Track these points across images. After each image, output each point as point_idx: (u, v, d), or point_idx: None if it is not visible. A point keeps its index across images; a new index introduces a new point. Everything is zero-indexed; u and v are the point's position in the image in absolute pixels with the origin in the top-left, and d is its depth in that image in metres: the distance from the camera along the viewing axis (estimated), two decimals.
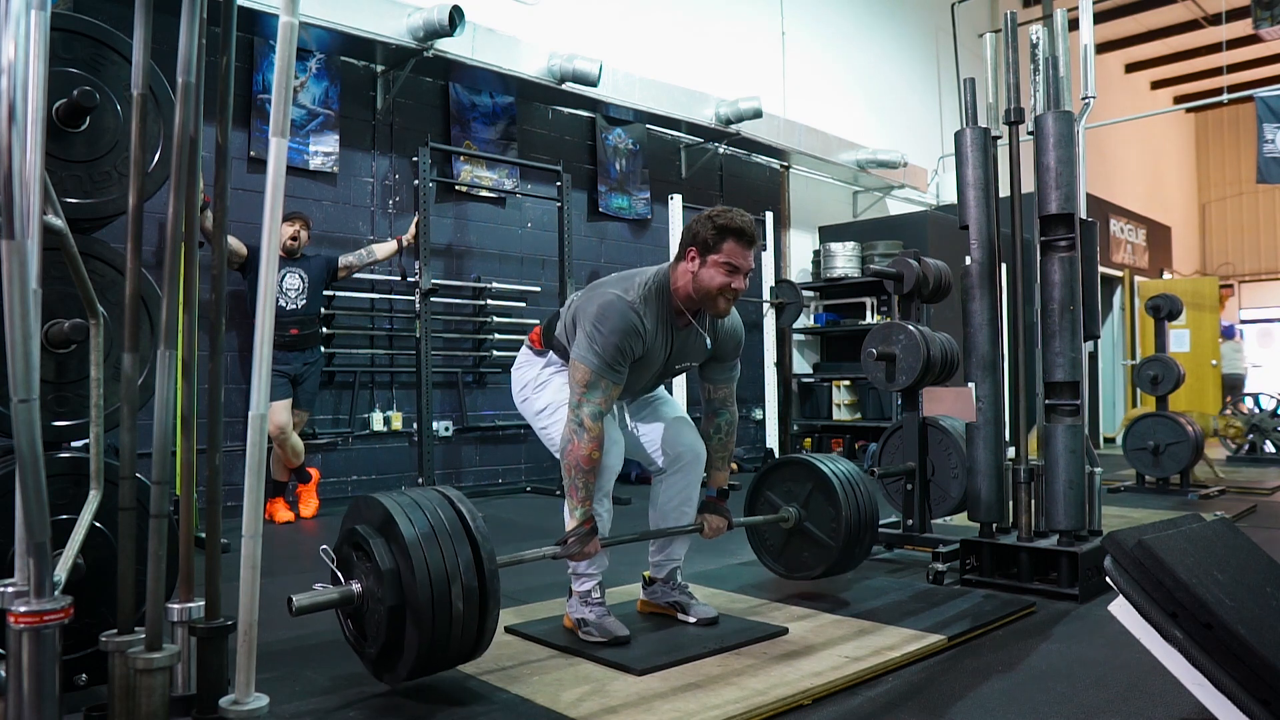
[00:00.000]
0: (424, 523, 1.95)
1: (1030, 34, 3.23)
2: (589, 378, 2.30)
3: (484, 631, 2.00)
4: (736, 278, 2.34)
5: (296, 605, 1.91)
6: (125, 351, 1.84)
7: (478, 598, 1.95)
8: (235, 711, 1.65)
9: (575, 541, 2.32)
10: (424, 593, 1.88)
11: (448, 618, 1.91)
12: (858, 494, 2.93)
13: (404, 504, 1.99)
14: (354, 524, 2.06)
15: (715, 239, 2.32)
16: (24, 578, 1.58)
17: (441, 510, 2.00)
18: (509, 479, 6.23)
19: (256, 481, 1.70)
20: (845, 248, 8.07)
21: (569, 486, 2.34)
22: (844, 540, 2.88)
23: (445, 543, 1.94)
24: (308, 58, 5.40)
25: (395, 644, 1.96)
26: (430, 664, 1.98)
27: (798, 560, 3.04)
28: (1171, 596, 1.66)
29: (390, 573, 1.92)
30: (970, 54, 8.77)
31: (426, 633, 1.89)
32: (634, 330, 2.33)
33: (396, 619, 1.93)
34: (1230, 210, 17.17)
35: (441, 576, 1.90)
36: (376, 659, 2.02)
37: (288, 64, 1.71)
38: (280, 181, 1.72)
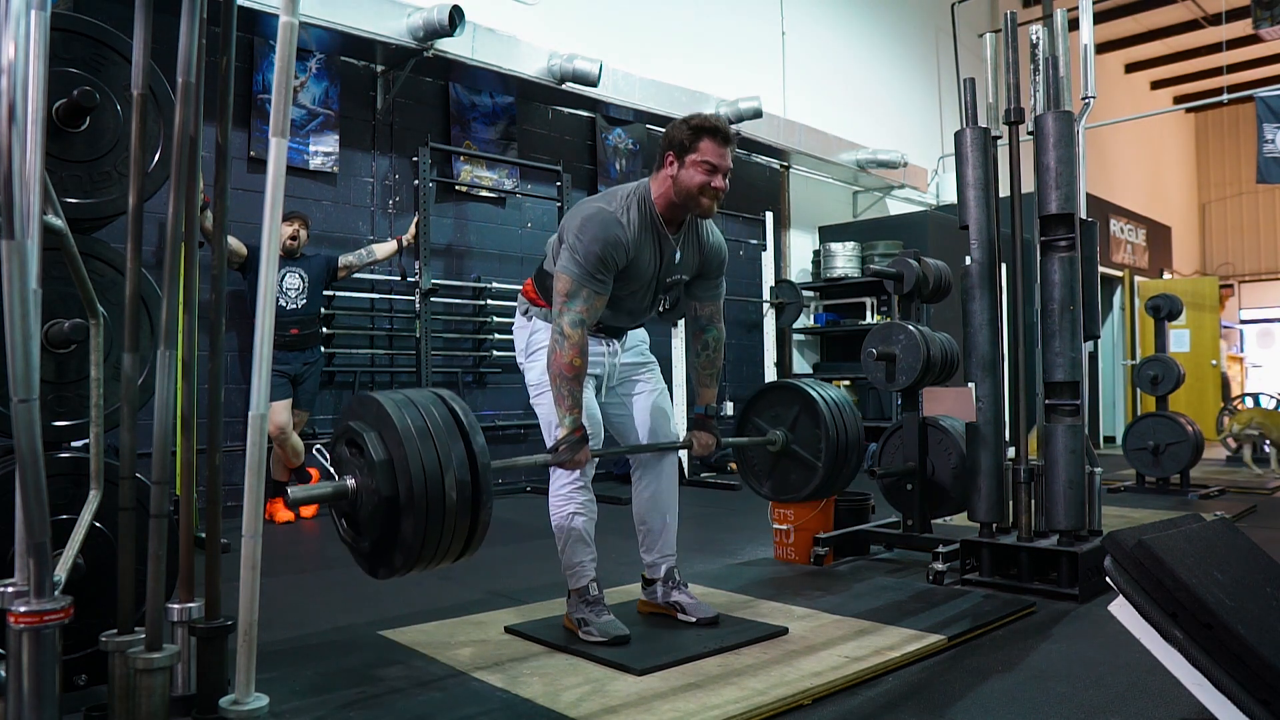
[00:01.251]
0: (417, 417, 1.94)
1: (1030, 34, 3.23)
2: (570, 286, 2.32)
3: (477, 525, 1.97)
4: (716, 176, 2.36)
5: (292, 497, 1.90)
6: (125, 351, 1.84)
7: (470, 490, 1.94)
8: (235, 711, 1.65)
9: (567, 449, 2.32)
10: (417, 482, 1.86)
11: (440, 508, 1.89)
12: (843, 417, 2.96)
13: (398, 400, 1.98)
14: (349, 420, 2.04)
15: (691, 139, 2.35)
16: (24, 578, 1.58)
17: (435, 407, 1.99)
18: (509, 479, 6.23)
19: (256, 481, 1.70)
20: (845, 248, 8.07)
21: (555, 396, 2.34)
22: (830, 462, 2.92)
23: (439, 436, 1.93)
24: (308, 58, 5.40)
25: (389, 536, 1.94)
26: (423, 555, 1.94)
27: (785, 482, 3.08)
28: (1171, 596, 1.66)
29: (383, 463, 1.90)
30: (970, 54, 8.76)
31: (420, 522, 1.87)
32: (616, 239, 2.34)
33: (390, 509, 1.90)
34: (1230, 210, 17.17)
35: (435, 467, 1.89)
36: (371, 553, 1.99)
37: (288, 64, 1.71)
38: (280, 181, 1.72)
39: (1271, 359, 15.79)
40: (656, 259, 2.47)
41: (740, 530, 4.37)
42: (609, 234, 2.33)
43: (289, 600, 3.06)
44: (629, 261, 2.39)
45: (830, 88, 8.92)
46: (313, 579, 3.45)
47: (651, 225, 2.43)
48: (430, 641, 2.48)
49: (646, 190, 2.44)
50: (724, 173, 2.38)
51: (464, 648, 2.42)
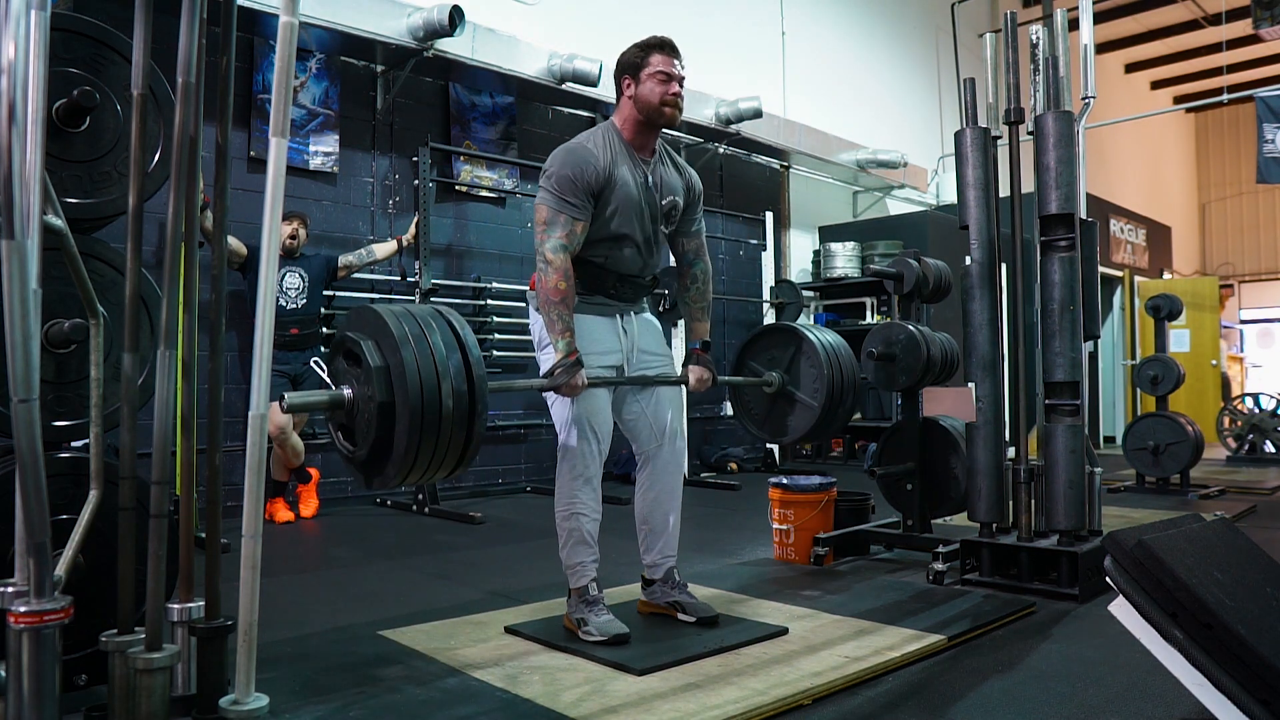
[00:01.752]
0: (415, 327, 1.94)
1: (1030, 34, 3.23)
2: (546, 215, 2.41)
3: (471, 437, 1.97)
4: (672, 84, 2.48)
5: (288, 403, 1.89)
6: (125, 351, 1.84)
7: (466, 400, 1.93)
8: (235, 711, 1.65)
9: (563, 372, 2.33)
10: (413, 387, 1.86)
11: (436, 415, 1.88)
12: (839, 359, 2.95)
13: (397, 312, 1.98)
14: (346, 331, 2.03)
15: (641, 57, 2.50)
16: (24, 577, 1.58)
17: (433, 320, 1.99)
18: (509, 479, 6.23)
19: (256, 481, 1.70)
20: (845, 248, 8.07)
21: (546, 323, 2.38)
22: (826, 403, 2.91)
23: (436, 346, 1.93)
24: (308, 58, 5.40)
25: (384, 442, 1.93)
26: (418, 464, 1.93)
27: (781, 424, 3.06)
28: (1171, 596, 1.66)
29: (379, 369, 1.90)
30: (970, 54, 8.77)
31: (415, 429, 1.87)
32: (584, 159, 2.43)
33: (385, 415, 1.90)
34: (1230, 210, 17.17)
35: (431, 374, 1.88)
36: (366, 461, 1.99)
37: (288, 64, 1.71)
38: (280, 181, 1.72)
39: (1271, 359, 15.79)
40: (639, 178, 2.53)
41: (740, 530, 4.37)
42: (575, 156, 2.43)
43: (289, 600, 3.06)
44: (608, 180, 2.45)
45: (830, 88, 8.92)
46: (312, 579, 3.45)
47: (624, 150, 2.52)
48: (430, 641, 2.48)
49: (611, 123, 2.56)
50: (678, 80, 2.50)
51: (464, 647, 2.42)
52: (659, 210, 2.59)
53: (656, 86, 2.47)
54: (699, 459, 7.14)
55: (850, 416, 3.08)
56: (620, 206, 2.48)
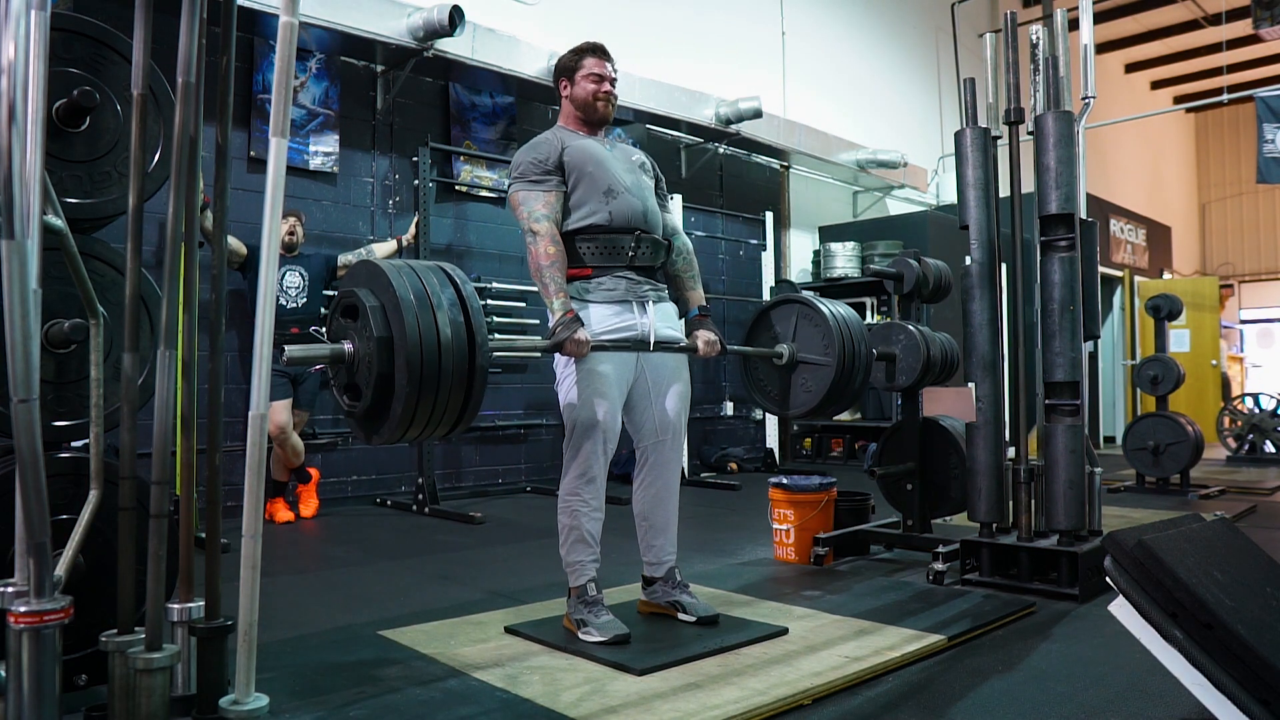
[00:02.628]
0: (414, 278, 1.94)
1: (1030, 34, 3.23)
2: (519, 197, 2.54)
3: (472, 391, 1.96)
4: (604, 84, 2.65)
5: (288, 355, 1.89)
6: (125, 351, 1.84)
7: (465, 350, 1.92)
8: (235, 711, 1.65)
9: (562, 329, 2.35)
10: (411, 334, 1.85)
11: (436, 365, 1.87)
12: (850, 329, 2.92)
13: (398, 266, 1.98)
14: (346, 286, 2.03)
15: (575, 60, 2.66)
16: (24, 577, 1.58)
17: (432, 273, 1.99)
18: (509, 479, 6.23)
19: (256, 481, 1.70)
20: (845, 248, 8.07)
21: (541, 289, 2.44)
22: (839, 372, 2.87)
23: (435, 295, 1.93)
24: (308, 58, 5.40)
25: (384, 395, 1.92)
26: (417, 417, 1.92)
27: (795, 396, 3.00)
28: (1171, 596, 1.66)
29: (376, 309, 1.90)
30: (970, 54, 8.77)
31: (415, 382, 1.86)
32: (536, 143, 2.59)
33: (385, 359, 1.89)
34: (1230, 210, 17.17)
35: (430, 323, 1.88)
36: (367, 414, 1.98)
37: (288, 64, 1.71)
38: (280, 181, 1.72)
39: (1271, 359, 15.79)
40: (603, 150, 2.63)
41: (740, 530, 4.37)
42: (531, 143, 2.61)
43: (289, 600, 3.06)
44: (564, 150, 2.57)
45: (830, 88, 8.92)
46: (312, 579, 3.45)
47: (582, 140, 2.64)
48: (430, 641, 2.48)
49: (557, 124, 2.73)
50: (610, 80, 2.66)
51: (464, 647, 2.42)
52: (631, 164, 2.68)
53: (589, 85, 2.64)
54: (699, 459, 7.13)
55: (863, 392, 3.03)
56: (592, 165, 2.57)
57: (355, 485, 5.51)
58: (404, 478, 5.66)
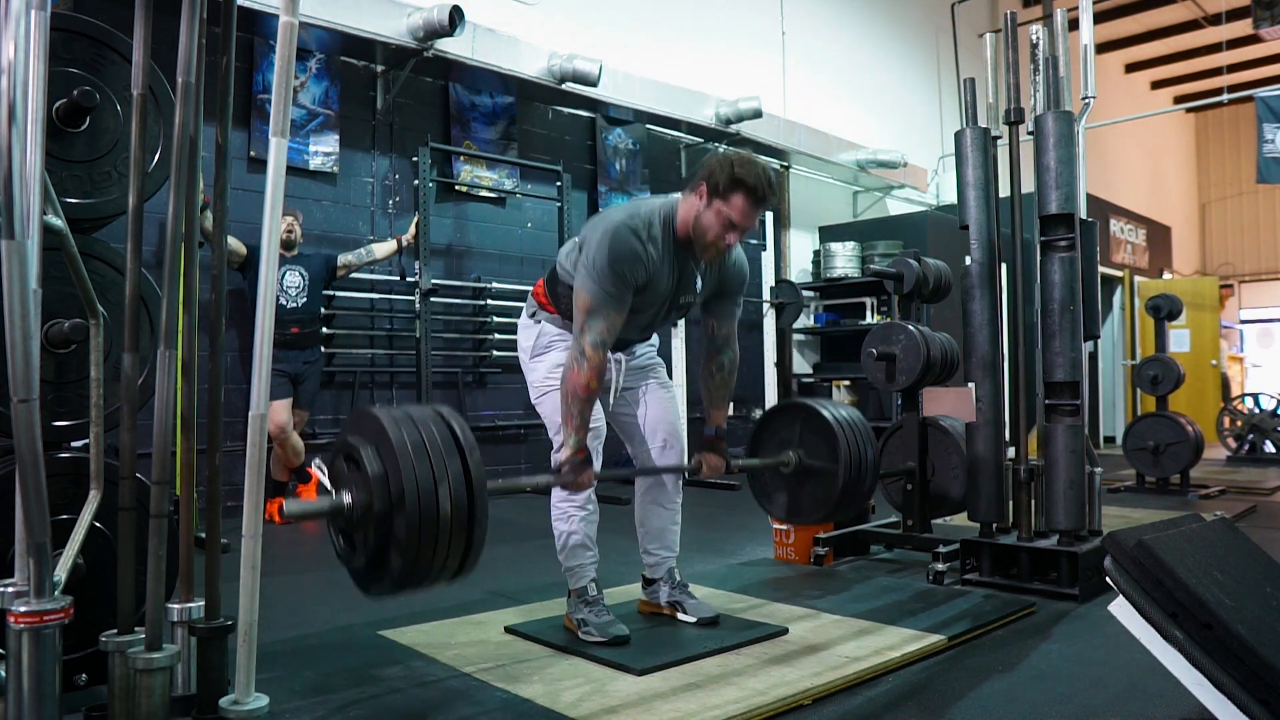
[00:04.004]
0: (414, 433, 1.90)
1: (1030, 34, 3.23)
2: (590, 304, 2.26)
3: (471, 545, 1.93)
4: (733, 234, 2.30)
5: (286, 511, 1.87)
6: (125, 351, 1.84)
7: (466, 508, 1.90)
8: (235, 711, 1.65)
9: (570, 470, 2.28)
10: (410, 496, 1.83)
11: (434, 524, 1.85)
12: (856, 435, 2.84)
13: (396, 416, 1.94)
14: (346, 435, 2.01)
15: (727, 187, 2.24)
16: (24, 578, 1.58)
17: (433, 424, 1.95)
18: (509, 479, 6.22)
19: (256, 481, 1.70)
20: (845, 248, 8.07)
21: (564, 414, 2.29)
22: (845, 482, 2.79)
23: (435, 452, 1.89)
24: (308, 58, 5.40)
25: (382, 553, 1.90)
26: (416, 574, 1.91)
27: (806, 502, 2.93)
28: (1171, 596, 1.66)
29: (378, 477, 1.87)
30: (970, 54, 8.77)
31: (413, 539, 1.84)
32: (636, 256, 2.28)
33: (384, 524, 1.87)
34: (1230, 210, 17.16)
35: (429, 482, 1.85)
36: (364, 571, 1.97)
37: (288, 64, 1.71)
38: (280, 181, 1.72)
39: (1271, 359, 15.79)
40: (674, 277, 2.42)
41: (740, 530, 4.36)
42: (630, 250, 2.27)
43: (289, 600, 3.06)
44: (647, 281, 2.35)
45: (830, 87, 8.92)
46: (313, 579, 3.45)
47: (673, 245, 2.38)
48: (430, 641, 2.48)
49: (673, 210, 2.37)
50: (743, 230, 2.31)
51: (464, 648, 2.42)
52: (679, 304, 2.51)
53: (716, 225, 2.28)
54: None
55: (871, 494, 2.95)
56: (646, 296, 2.39)
57: None
58: None
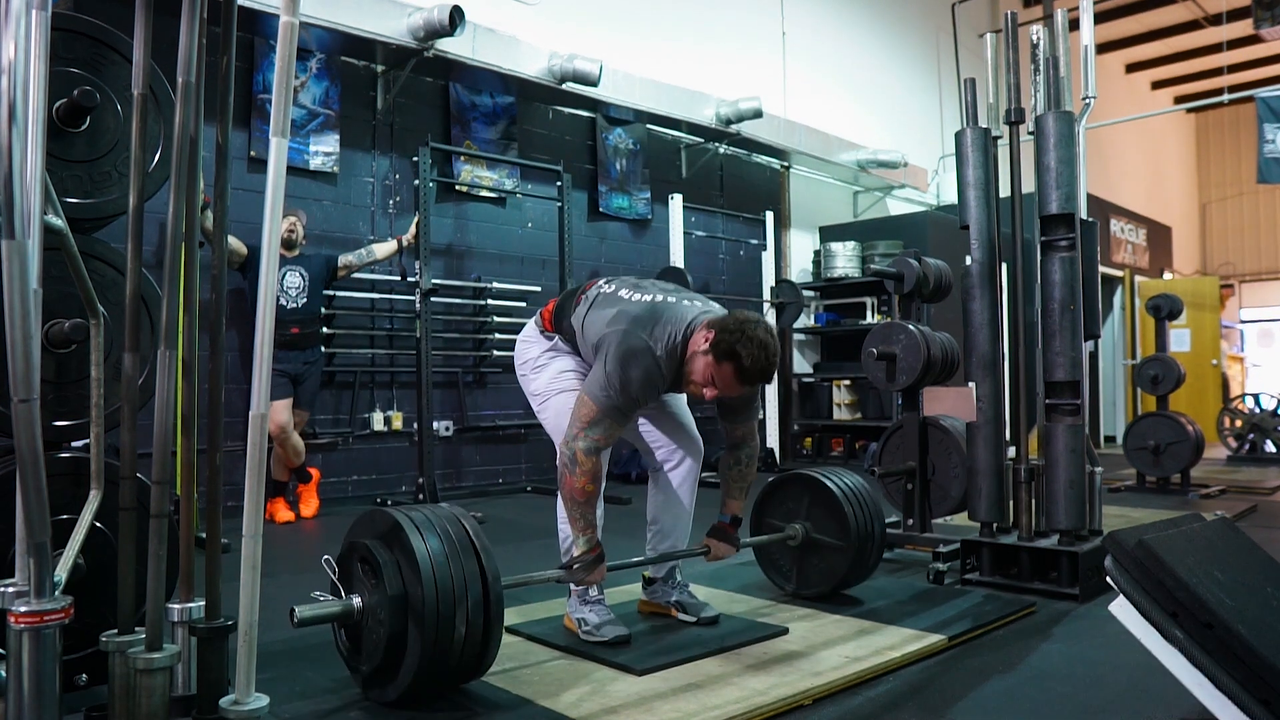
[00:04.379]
0: (435, 541, 1.92)
1: (1031, 34, 3.22)
2: (594, 415, 2.27)
3: (486, 652, 1.96)
4: (711, 390, 2.28)
5: (299, 617, 1.89)
6: (126, 351, 1.84)
7: (481, 628, 1.92)
8: (235, 712, 1.65)
9: (581, 569, 2.32)
10: (430, 614, 1.85)
11: (450, 637, 1.87)
12: (863, 508, 2.84)
13: (418, 521, 1.95)
14: (364, 537, 2.02)
15: (725, 354, 2.20)
16: (24, 578, 1.58)
17: (450, 526, 1.97)
18: (509, 479, 6.23)
19: (257, 481, 1.70)
20: (846, 248, 8.07)
21: (569, 518, 2.35)
22: (854, 555, 2.80)
23: (454, 562, 1.90)
24: (308, 58, 5.40)
25: (391, 667, 1.92)
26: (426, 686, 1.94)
27: (815, 574, 2.92)
28: (1172, 596, 1.66)
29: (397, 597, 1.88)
30: (971, 54, 8.76)
31: (428, 654, 1.86)
32: (653, 384, 2.31)
33: (396, 643, 1.89)
34: (1231, 210, 17.16)
35: (449, 597, 1.86)
36: (369, 677, 1.99)
37: (288, 64, 1.71)
38: (281, 181, 1.72)
39: (1272, 359, 15.78)
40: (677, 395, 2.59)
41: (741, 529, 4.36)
42: (648, 376, 2.27)
43: (290, 600, 3.03)
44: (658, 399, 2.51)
45: (831, 87, 8.92)
46: (313, 579, 3.45)
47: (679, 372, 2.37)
48: None
49: (685, 340, 2.32)
50: (723, 394, 2.30)
51: None
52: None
53: (700, 376, 2.28)
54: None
55: (879, 562, 2.95)
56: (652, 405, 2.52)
57: (356, 485, 5.51)
58: (404, 477, 5.66)
